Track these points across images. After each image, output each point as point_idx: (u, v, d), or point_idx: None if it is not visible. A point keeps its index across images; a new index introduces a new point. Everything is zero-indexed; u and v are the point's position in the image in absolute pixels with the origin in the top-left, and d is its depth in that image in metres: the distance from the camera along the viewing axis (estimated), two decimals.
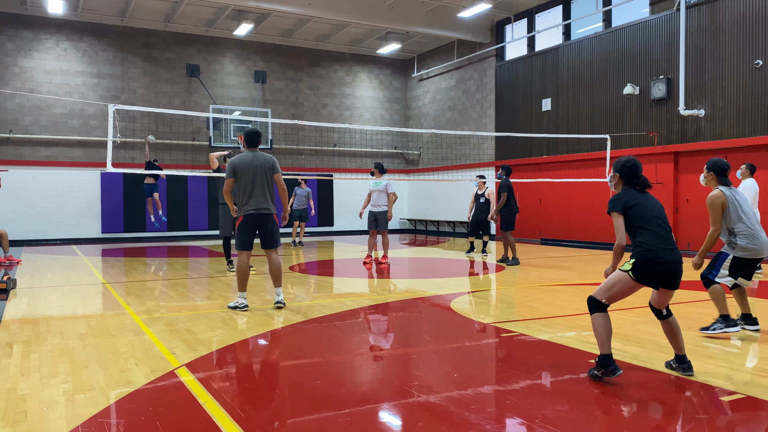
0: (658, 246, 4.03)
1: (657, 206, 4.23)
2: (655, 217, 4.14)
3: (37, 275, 10.29)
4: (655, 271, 4.03)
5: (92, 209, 18.55)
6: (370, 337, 5.82)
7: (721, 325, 5.47)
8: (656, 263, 4.01)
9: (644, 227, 4.10)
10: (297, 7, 16.78)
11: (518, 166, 18.30)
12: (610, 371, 4.00)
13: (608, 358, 4.00)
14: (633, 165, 4.34)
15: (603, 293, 4.13)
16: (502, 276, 10.07)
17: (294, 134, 21.25)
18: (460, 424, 3.40)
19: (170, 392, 4.02)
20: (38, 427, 3.38)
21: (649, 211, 4.15)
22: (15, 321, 6.35)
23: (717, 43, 13.16)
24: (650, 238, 4.06)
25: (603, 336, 4.04)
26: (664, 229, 4.12)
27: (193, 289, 8.72)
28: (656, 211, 4.17)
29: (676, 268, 4.08)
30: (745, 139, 12.61)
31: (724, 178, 5.54)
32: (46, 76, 18.01)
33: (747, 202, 5.48)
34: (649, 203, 4.21)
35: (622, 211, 4.17)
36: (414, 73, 23.01)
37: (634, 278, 4.06)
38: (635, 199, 4.20)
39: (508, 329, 5.80)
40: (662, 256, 4.01)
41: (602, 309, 4.12)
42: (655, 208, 4.20)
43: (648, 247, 4.04)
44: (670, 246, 4.07)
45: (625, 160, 4.38)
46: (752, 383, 4.07)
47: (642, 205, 4.16)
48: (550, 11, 17.52)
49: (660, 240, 4.06)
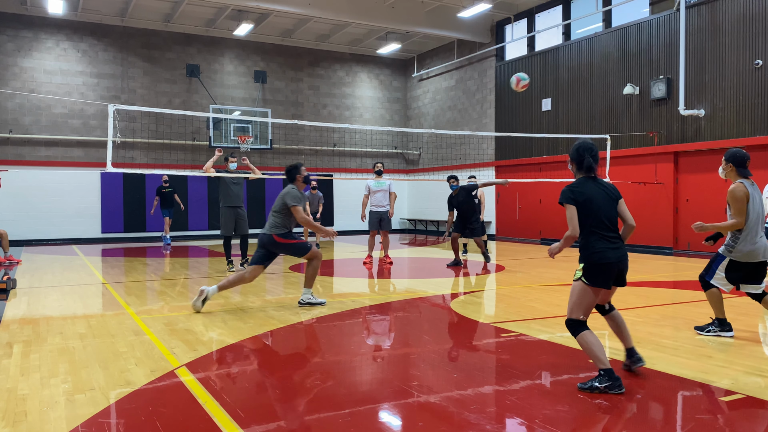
0: (605, 247, 4.02)
1: (607, 198, 4.13)
2: (603, 214, 4.07)
3: (37, 275, 10.28)
4: (605, 272, 4.02)
5: (92, 209, 18.56)
6: (370, 337, 5.82)
7: (716, 329, 5.42)
8: (604, 265, 4.00)
9: (591, 227, 4.06)
10: (297, 7, 16.78)
11: (518, 166, 18.30)
12: (616, 386, 3.82)
13: (612, 372, 3.86)
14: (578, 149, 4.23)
15: (576, 311, 4.06)
16: (502, 276, 10.07)
17: (294, 134, 21.25)
18: (460, 424, 3.40)
19: (170, 392, 4.02)
20: (38, 427, 3.38)
21: (597, 207, 4.07)
22: (15, 321, 6.35)
23: (717, 43, 13.15)
24: (596, 240, 4.04)
25: (597, 351, 3.93)
26: (609, 228, 4.08)
27: (193, 289, 8.71)
28: (604, 208, 4.09)
29: (623, 265, 4.09)
30: (745, 139, 12.61)
31: (744, 169, 5.28)
32: (46, 76, 18.01)
33: (761, 203, 5.25)
34: (600, 196, 4.11)
35: (574, 204, 4.09)
36: (414, 73, 23.01)
37: (588, 283, 4.03)
38: (586, 192, 4.10)
39: (508, 329, 5.80)
40: (609, 256, 4.01)
41: (584, 327, 4.04)
42: (605, 202, 4.11)
43: (594, 250, 4.02)
44: (615, 244, 4.05)
45: (578, 144, 4.27)
46: (752, 383, 4.07)
47: (591, 201, 4.08)
48: (550, 11, 17.51)
49: (606, 240, 4.04)
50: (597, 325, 5.92)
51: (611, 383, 3.82)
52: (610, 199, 4.14)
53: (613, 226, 4.10)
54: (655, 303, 7.25)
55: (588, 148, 4.21)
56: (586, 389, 3.89)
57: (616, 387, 3.82)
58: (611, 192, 4.18)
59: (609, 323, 4.35)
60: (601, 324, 6.02)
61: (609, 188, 4.20)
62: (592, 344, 3.95)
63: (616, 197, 4.19)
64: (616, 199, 4.18)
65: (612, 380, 3.82)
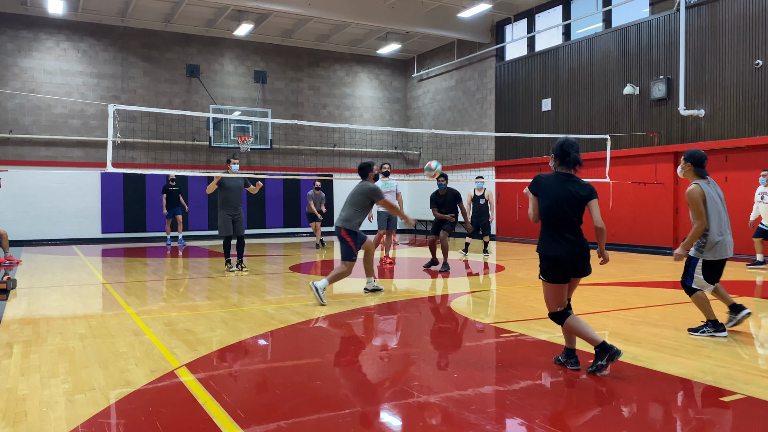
0: (555, 243, 4.17)
1: (571, 196, 4.21)
2: (561, 210, 4.17)
3: (37, 275, 10.29)
4: (555, 267, 4.18)
5: (92, 209, 18.55)
6: (370, 337, 5.82)
7: (710, 329, 5.45)
8: (554, 260, 4.16)
9: (547, 221, 4.22)
10: (297, 7, 16.78)
11: (518, 166, 18.30)
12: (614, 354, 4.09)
13: (605, 344, 4.11)
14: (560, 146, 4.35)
15: (550, 305, 4.32)
16: (502, 276, 10.07)
17: (294, 134, 21.25)
18: (460, 424, 3.40)
19: (170, 392, 4.02)
20: (38, 427, 3.38)
21: (555, 203, 4.18)
22: (15, 321, 6.35)
23: (717, 43, 13.15)
24: (548, 235, 4.21)
25: (586, 332, 4.16)
26: (566, 225, 4.16)
27: (193, 289, 8.72)
28: (564, 206, 4.18)
29: (576, 259, 4.19)
30: (745, 139, 12.61)
31: (702, 169, 5.43)
32: (46, 76, 18.01)
33: (722, 200, 5.41)
34: (564, 194, 4.20)
35: (533, 192, 4.30)
36: (414, 73, 23.01)
37: (546, 280, 4.23)
38: (549, 186, 4.24)
39: (508, 329, 5.80)
40: (558, 251, 4.15)
41: (566, 315, 4.25)
42: (567, 200, 4.19)
43: (543, 244, 4.22)
44: (567, 241, 4.16)
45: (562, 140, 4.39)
46: (752, 383, 4.07)
47: (550, 196, 4.20)
48: (550, 11, 17.51)
49: (557, 236, 4.17)
50: (597, 326, 5.92)
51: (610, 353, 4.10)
52: (577, 198, 4.22)
53: (571, 224, 4.20)
54: (655, 303, 7.26)
55: (572, 145, 4.31)
56: (592, 371, 4.18)
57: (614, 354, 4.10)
58: (582, 191, 4.24)
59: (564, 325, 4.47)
60: (601, 324, 6.02)
61: (577, 188, 4.25)
62: (577, 327, 4.18)
63: (586, 197, 4.25)
64: (584, 199, 4.24)
65: (607, 350, 4.10)
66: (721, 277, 5.50)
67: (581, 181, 4.34)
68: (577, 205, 4.23)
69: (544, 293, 4.34)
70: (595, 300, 7.41)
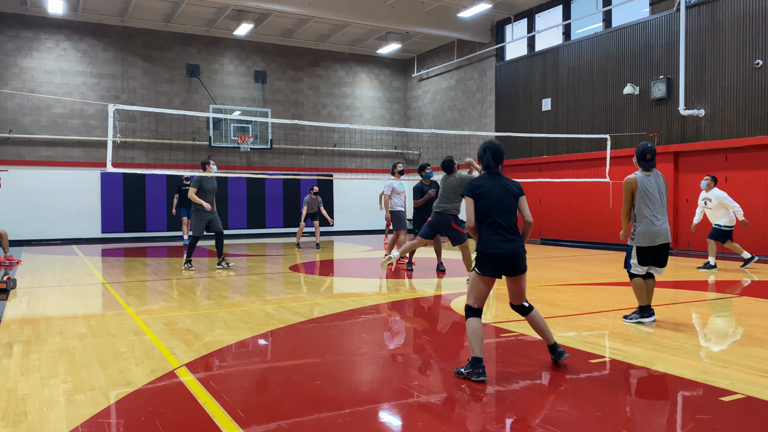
0: (496, 239, 4.30)
1: (506, 194, 4.39)
2: (499, 209, 4.34)
3: (37, 275, 10.29)
4: (493, 262, 4.30)
5: (92, 209, 18.55)
6: (370, 337, 5.82)
7: (637, 316, 5.94)
8: (492, 255, 4.29)
9: (486, 220, 4.35)
10: (297, 7, 16.78)
11: (518, 166, 18.29)
12: (476, 374, 4.11)
13: (478, 362, 4.15)
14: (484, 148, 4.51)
15: (470, 297, 4.39)
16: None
17: (294, 134, 21.25)
18: (460, 424, 3.40)
19: (170, 392, 4.02)
20: (38, 427, 3.38)
21: (494, 202, 4.34)
22: (15, 321, 6.35)
23: (717, 43, 13.15)
24: (489, 232, 4.33)
25: (474, 340, 4.23)
26: (504, 222, 4.33)
27: (193, 289, 8.72)
28: (501, 204, 4.35)
29: (513, 256, 4.33)
30: (745, 139, 12.62)
31: (643, 161, 5.82)
32: (46, 76, 18.01)
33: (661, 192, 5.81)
34: (499, 192, 4.37)
35: (473, 197, 4.39)
36: (414, 73, 23.01)
37: (479, 272, 4.34)
38: (485, 187, 4.38)
39: (508, 329, 5.80)
40: (497, 247, 4.29)
41: (476, 314, 4.33)
42: (503, 198, 4.37)
43: (484, 241, 4.33)
44: (506, 238, 4.31)
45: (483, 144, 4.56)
46: (752, 383, 4.07)
47: (488, 196, 4.36)
48: (550, 11, 17.51)
49: (496, 233, 4.32)
50: (597, 326, 5.93)
51: (472, 370, 4.13)
52: (511, 195, 4.41)
53: (509, 221, 4.36)
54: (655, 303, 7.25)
55: (489, 148, 4.48)
56: (456, 374, 4.26)
57: (475, 374, 4.11)
58: (512, 189, 4.44)
59: (530, 323, 4.55)
60: (601, 324, 6.02)
61: (510, 185, 4.46)
62: (472, 332, 4.27)
63: (517, 194, 4.44)
64: (516, 196, 4.43)
65: (474, 367, 4.13)
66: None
67: (510, 180, 4.53)
68: (514, 201, 4.42)
69: (470, 284, 4.42)
70: (595, 300, 7.41)
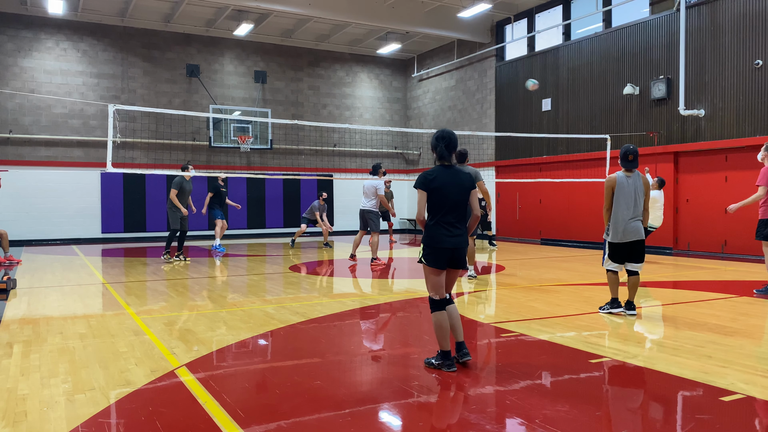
0: (442, 234, 4.38)
1: (458, 187, 4.40)
2: (450, 203, 4.37)
3: (37, 275, 10.29)
4: (438, 255, 4.41)
5: (92, 209, 18.55)
6: (370, 337, 5.82)
7: (609, 307, 6.45)
8: (437, 249, 4.40)
9: (436, 213, 4.40)
10: (297, 7, 16.78)
11: (518, 166, 18.30)
12: (446, 365, 4.35)
13: (447, 354, 4.37)
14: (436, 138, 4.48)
15: (428, 290, 4.56)
16: (502, 276, 10.07)
17: (294, 134, 21.25)
18: (460, 424, 3.40)
19: (170, 392, 4.02)
20: (38, 427, 3.38)
21: (445, 196, 4.36)
22: (15, 321, 6.35)
23: (717, 43, 13.15)
24: (437, 226, 4.39)
25: (441, 333, 4.42)
26: (453, 216, 4.39)
27: (193, 289, 8.72)
28: (452, 198, 4.37)
29: (458, 252, 4.44)
30: (745, 139, 12.61)
31: (625, 161, 6.21)
32: (46, 76, 18.01)
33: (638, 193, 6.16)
34: (451, 186, 4.37)
35: (426, 190, 4.39)
36: (414, 73, 23.01)
37: (426, 263, 4.46)
38: (438, 180, 4.37)
39: (508, 329, 5.80)
40: (443, 242, 4.39)
41: (439, 306, 4.46)
42: (455, 192, 4.38)
43: (431, 234, 4.41)
44: (453, 233, 4.40)
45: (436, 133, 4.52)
46: (752, 383, 4.07)
47: (441, 190, 4.36)
48: (550, 11, 17.51)
49: (445, 227, 4.39)
50: (597, 326, 5.92)
51: (442, 362, 4.37)
52: (463, 190, 4.41)
53: (458, 216, 4.42)
54: (655, 303, 7.26)
55: (442, 137, 4.43)
56: (426, 365, 4.49)
57: (446, 366, 4.36)
58: (465, 183, 4.43)
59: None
60: (601, 324, 6.02)
61: (464, 179, 4.43)
62: (439, 327, 4.42)
63: (469, 187, 4.44)
64: (468, 189, 4.44)
65: (444, 360, 4.37)
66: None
67: (463, 172, 4.50)
68: (466, 194, 4.44)
69: (425, 276, 4.53)
70: (596, 300, 7.41)
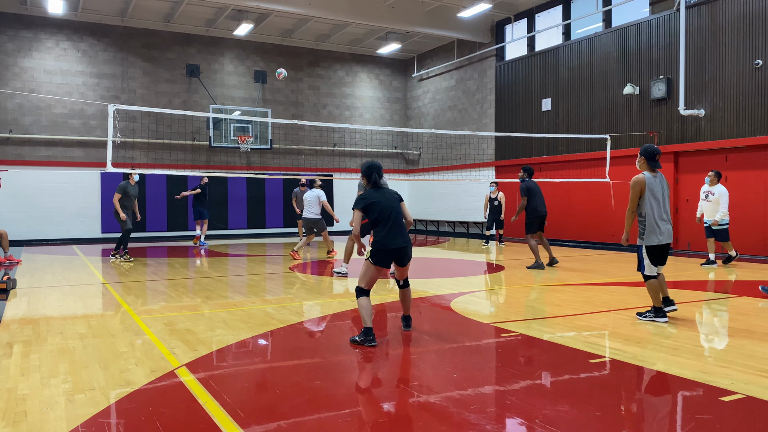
0: (389, 236, 5.35)
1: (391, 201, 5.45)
2: (387, 213, 5.38)
3: (37, 275, 10.28)
4: (385, 255, 5.36)
5: (92, 209, 18.55)
6: None
7: (651, 315, 6.11)
8: (385, 250, 5.34)
9: (378, 222, 5.38)
10: (297, 7, 16.77)
11: (518, 166, 18.28)
12: (368, 341, 5.13)
13: (369, 331, 5.18)
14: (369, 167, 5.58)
15: (361, 281, 5.39)
16: (502, 276, 10.07)
17: (294, 134, 21.25)
18: (460, 424, 3.40)
19: (170, 392, 4.02)
20: (38, 427, 3.38)
21: (385, 208, 5.39)
22: (15, 321, 6.35)
23: (717, 43, 13.15)
24: (381, 232, 5.36)
25: (364, 313, 5.23)
26: (393, 222, 5.37)
27: (193, 289, 8.72)
28: (389, 208, 5.40)
29: (402, 251, 5.41)
30: (745, 139, 12.61)
31: (653, 162, 6.04)
32: (46, 76, 18.01)
33: (663, 192, 6.00)
34: (385, 201, 5.43)
35: (362, 209, 5.42)
36: (414, 73, 23.00)
37: (373, 262, 5.35)
38: (371, 199, 5.43)
39: (508, 329, 5.80)
40: (389, 243, 5.34)
41: (365, 293, 5.35)
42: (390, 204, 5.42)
43: (377, 238, 5.37)
44: (397, 235, 5.37)
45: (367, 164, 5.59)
46: (752, 383, 4.07)
47: (378, 203, 5.41)
48: (550, 11, 17.51)
49: (388, 232, 5.35)
50: (597, 326, 5.92)
51: (365, 338, 5.16)
52: (395, 201, 5.51)
53: (396, 221, 5.41)
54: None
55: (374, 167, 5.56)
56: (351, 342, 5.27)
57: (368, 341, 5.14)
58: (395, 197, 5.55)
59: (400, 294, 5.75)
60: (601, 324, 6.01)
61: (392, 194, 5.55)
62: (364, 307, 5.27)
63: (398, 200, 5.55)
64: (398, 201, 5.54)
65: (366, 336, 5.17)
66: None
67: (390, 190, 5.59)
68: (398, 207, 5.51)
69: (363, 271, 5.38)
70: (595, 300, 7.41)
